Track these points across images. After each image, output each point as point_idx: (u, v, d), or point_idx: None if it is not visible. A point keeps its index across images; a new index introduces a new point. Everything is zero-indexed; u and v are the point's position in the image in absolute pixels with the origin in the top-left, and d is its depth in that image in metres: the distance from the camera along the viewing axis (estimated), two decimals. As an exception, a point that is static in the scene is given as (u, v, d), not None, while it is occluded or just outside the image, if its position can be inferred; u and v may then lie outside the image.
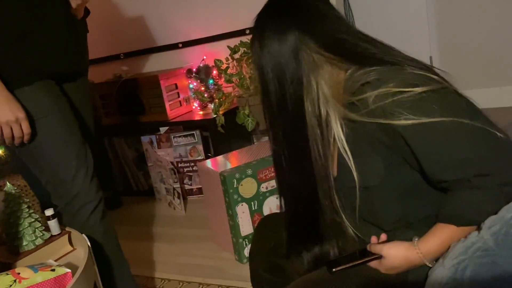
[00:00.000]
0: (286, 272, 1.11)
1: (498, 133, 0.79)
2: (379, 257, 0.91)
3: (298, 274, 1.06)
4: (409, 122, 0.79)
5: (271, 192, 1.79)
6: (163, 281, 1.80)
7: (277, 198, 1.80)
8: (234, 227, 1.74)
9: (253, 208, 1.75)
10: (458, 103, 0.83)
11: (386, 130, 0.84)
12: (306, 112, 0.90)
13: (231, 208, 1.72)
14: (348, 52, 0.90)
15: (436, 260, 0.86)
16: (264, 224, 1.28)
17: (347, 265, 0.92)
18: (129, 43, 2.93)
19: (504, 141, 0.79)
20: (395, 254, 0.89)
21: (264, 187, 1.77)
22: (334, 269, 0.92)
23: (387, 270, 0.91)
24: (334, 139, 0.91)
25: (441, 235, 0.85)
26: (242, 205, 1.73)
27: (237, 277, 1.68)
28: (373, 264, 0.92)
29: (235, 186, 1.71)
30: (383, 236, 0.94)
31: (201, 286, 1.71)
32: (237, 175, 1.70)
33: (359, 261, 0.93)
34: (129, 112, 2.64)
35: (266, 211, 1.78)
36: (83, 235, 1.19)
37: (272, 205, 1.79)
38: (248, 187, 1.74)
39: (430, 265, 0.86)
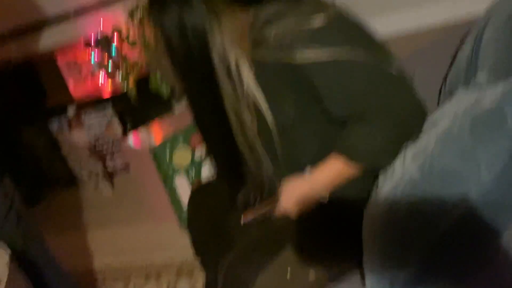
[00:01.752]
0: (230, 235, 1.09)
1: (393, 72, 0.80)
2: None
3: (240, 234, 1.05)
4: (307, 58, 0.78)
5: (206, 159, 1.73)
6: (105, 268, 1.72)
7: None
8: (175, 200, 1.68)
9: (192, 177, 1.68)
10: (355, 33, 0.83)
11: (288, 68, 0.82)
12: (215, 63, 0.86)
13: (168, 182, 1.65)
14: None
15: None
16: (198, 195, 1.24)
17: (254, 216, 0.94)
18: (12, 19, 2.61)
19: (398, 80, 0.80)
20: (286, 189, 0.92)
21: (199, 153, 1.71)
22: (243, 222, 0.94)
23: (287, 210, 0.92)
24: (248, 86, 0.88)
25: (332, 166, 0.87)
26: (179, 176, 1.66)
27: (184, 247, 1.62)
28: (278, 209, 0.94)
29: (168, 159, 1.62)
30: None
31: (144, 263, 1.66)
32: (168, 146, 1.62)
33: (261, 210, 0.95)
34: (30, 98, 2.40)
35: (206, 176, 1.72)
36: (1, 244, 1.08)
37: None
38: (182, 157, 1.66)
39: (322, 200, 0.89)
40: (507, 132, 0.60)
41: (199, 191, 1.25)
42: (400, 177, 0.74)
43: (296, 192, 0.91)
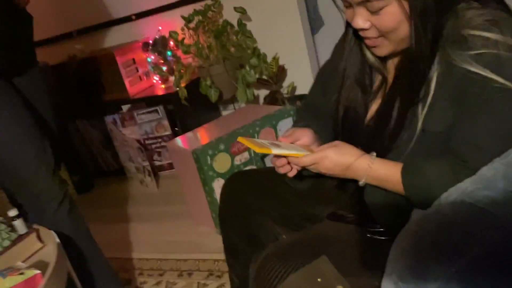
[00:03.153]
0: (260, 240, 1.13)
1: None
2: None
3: (273, 242, 1.09)
4: (504, 81, 0.74)
5: (245, 164, 1.80)
6: (141, 261, 1.82)
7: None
8: (212, 202, 1.75)
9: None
10: None
11: (476, 82, 0.78)
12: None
13: (207, 184, 1.72)
14: None
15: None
16: (232, 184, 1.24)
17: (280, 153, 0.92)
18: (81, 20, 2.80)
19: None
20: (349, 148, 0.91)
21: (238, 160, 1.78)
22: (257, 151, 0.90)
23: (329, 160, 0.91)
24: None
25: (394, 173, 0.87)
26: (218, 180, 1.73)
27: (218, 249, 1.70)
28: (310, 158, 0.92)
29: (209, 162, 1.70)
30: None
31: (179, 262, 1.74)
32: (210, 152, 1.69)
33: (292, 152, 0.92)
34: (89, 93, 2.56)
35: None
36: (51, 231, 1.18)
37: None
38: (222, 162, 1.73)
39: (360, 184, 0.90)
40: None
41: (232, 180, 1.26)
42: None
43: (348, 159, 0.90)
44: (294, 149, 0.95)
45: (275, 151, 0.91)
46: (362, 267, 0.94)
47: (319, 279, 0.92)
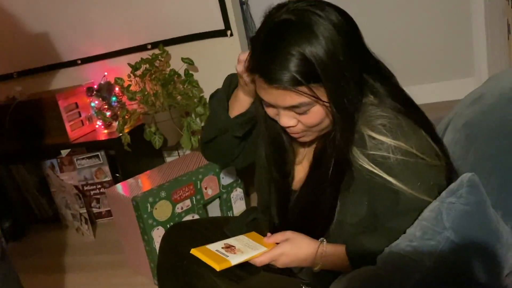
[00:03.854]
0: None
1: None
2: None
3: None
4: (403, 187, 0.84)
5: (186, 212, 1.78)
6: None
7: (193, 217, 1.80)
8: (151, 252, 1.71)
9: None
10: (442, 186, 0.86)
11: (376, 179, 0.87)
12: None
13: (146, 233, 1.68)
14: (385, 83, 0.93)
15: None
16: (171, 234, 1.25)
17: (239, 261, 0.92)
18: (23, 61, 2.73)
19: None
20: (301, 240, 0.94)
21: (179, 208, 1.76)
22: (218, 269, 0.90)
23: (286, 256, 0.93)
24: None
25: (341, 258, 0.93)
26: (158, 229, 1.70)
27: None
28: (267, 257, 0.94)
29: (149, 210, 1.67)
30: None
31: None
32: (150, 199, 1.67)
33: (250, 255, 0.93)
34: (27, 136, 2.46)
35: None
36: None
37: (185, 224, 1.79)
38: (163, 210, 1.71)
39: (315, 270, 0.93)
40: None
41: (172, 230, 1.27)
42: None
43: (304, 252, 0.93)
44: (250, 248, 0.97)
45: (234, 261, 0.91)
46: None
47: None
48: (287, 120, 0.90)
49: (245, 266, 1.03)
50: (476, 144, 0.97)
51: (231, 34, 2.33)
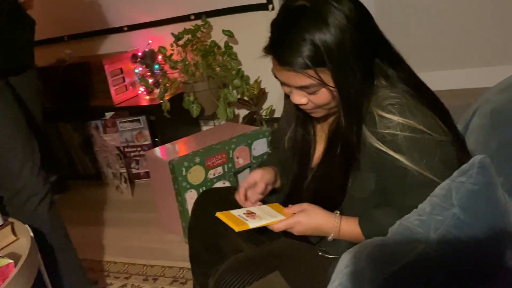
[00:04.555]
0: (223, 251, 1.22)
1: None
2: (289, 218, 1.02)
3: (234, 253, 1.18)
4: (409, 164, 0.89)
5: (218, 178, 1.88)
6: (109, 263, 1.87)
7: (224, 184, 1.90)
8: (183, 212, 1.82)
9: (201, 194, 1.83)
10: (449, 162, 0.91)
11: (389, 163, 0.91)
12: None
13: (180, 195, 1.80)
14: (396, 66, 0.97)
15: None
16: (203, 199, 1.35)
17: (257, 225, 1.01)
18: (74, 26, 2.88)
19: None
20: (316, 211, 1.01)
21: (211, 174, 1.86)
22: (237, 230, 0.99)
23: (300, 224, 1.01)
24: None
25: (355, 229, 1.00)
26: (191, 191, 1.81)
27: (184, 258, 1.75)
28: (284, 224, 1.02)
29: (183, 174, 1.78)
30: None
31: (145, 267, 1.79)
32: (185, 164, 1.77)
33: (268, 222, 1.02)
34: (74, 97, 2.63)
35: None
36: (26, 225, 1.23)
37: (218, 190, 1.88)
38: (196, 175, 1.82)
39: (329, 239, 1.01)
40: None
41: (204, 195, 1.37)
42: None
43: (317, 221, 1.01)
44: (269, 215, 1.05)
45: (252, 225, 1.01)
46: (312, 283, 1.04)
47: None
48: (298, 98, 0.97)
49: (267, 232, 1.11)
50: (500, 131, 0.99)
51: (273, 8, 2.37)
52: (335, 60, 0.88)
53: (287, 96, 1.11)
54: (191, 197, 1.80)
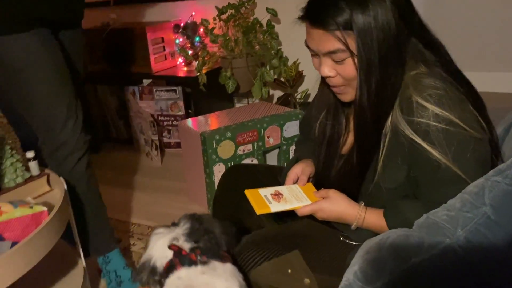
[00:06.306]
0: (245, 225, 1.24)
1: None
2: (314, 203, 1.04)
3: (256, 228, 1.20)
4: (441, 158, 0.87)
5: (247, 155, 1.90)
6: (133, 225, 1.93)
7: (252, 161, 1.92)
8: (210, 184, 1.86)
9: (229, 169, 1.86)
10: (481, 160, 0.90)
11: (416, 147, 0.90)
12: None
13: (208, 167, 1.83)
14: (436, 52, 0.97)
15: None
16: (231, 173, 1.38)
17: (279, 210, 1.03)
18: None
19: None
20: (340, 199, 1.02)
21: (241, 150, 1.88)
22: (258, 213, 1.01)
23: (323, 211, 1.02)
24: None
25: (380, 220, 1.00)
26: (219, 165, 1.84)
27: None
28: (307, 210, 1.03)
29: (214, 147, 1.81)
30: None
31: (168, 233, 1.84)
32: (216, 137, 1.80)
33: (292, 207, 1.04)
34: (114, 61, 2.68)
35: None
36: (61, 178, 1.28)
37: (245, 167, 1.90)
38: (226, 149, 1.84)
39: (352, 228, 1.02)
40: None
41: (232, 170, 1.39)
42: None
43: (340, 209, 1.02)
44: (295, 199, 1.07)
45: (274, 209, 1.02)
46: (330, 266, 1.04)
47: (289, 270, 1.02)
48: (327, 69, 0.97)
49: (292, 213, 1.12)
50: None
51: (319, -9, 2.33)
52: (362, 28, 0.88)
53: (322, 82, 1.11)
54: (218, 170, 1.83)
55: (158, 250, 0.95)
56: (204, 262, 0.91)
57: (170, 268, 0.91)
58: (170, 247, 0.93)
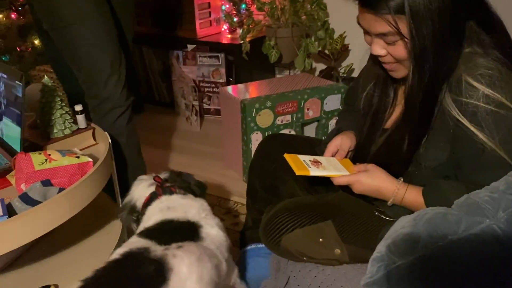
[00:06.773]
0: (279, 193, 1.26)
1: None
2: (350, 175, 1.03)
3: (290, 197, 1.21)
4: (487, 141, 0.85)
5: (285, 126, 1.90)
6: (170, 186, 1.99)
7: (289, 132, 1.92)
8: (246, 152, 1.88)
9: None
10: None
11: (462, 128, 0.88)
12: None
13: (246, 134, 1.85)
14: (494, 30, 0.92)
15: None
16: (268, 142, 1.39)
17: (318, 174, 1.03)
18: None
19: None
20: (379, 173, 1.02)
21: (279, 120, 1.88)
22: (297, 173, 1.02)
23: (360, 184, 1.02)
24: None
25: (418, 197, 0.98)
26: (257, 133, 1.86)
27: (240, 194, 1.83)
28: (344, 179, 1.03)
29: (253, 115, 1.81)
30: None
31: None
32: (256, 105, 1.81)
33: (330, 173, 1.04)
34: (160, 24, 2.71)
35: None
36: (106, 133, 1.33)
37: (283, 137, 1.90)
38: (265, 118, 1.85)
39: (388, 204, 1.01)
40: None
41: (270, 139, 1.41)
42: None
43: (377, 184, 1.01)
44: (334, 168, 1.07)
45: (313, 173, 1.02)
46: (362, 239, 1.05)
47: (320, 239, 1.03)
48: (378, 49, 0.95)
49: (327, 183, 1.12)
50: None
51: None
52: (415, 11, 0.84)
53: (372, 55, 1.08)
54: (256, 138, 1.84)
55: (139, 193, 1.13)
56: (182, 194, 1.10)
57: (150, 200, 1.08)
58: (154, 178, 1.12)
